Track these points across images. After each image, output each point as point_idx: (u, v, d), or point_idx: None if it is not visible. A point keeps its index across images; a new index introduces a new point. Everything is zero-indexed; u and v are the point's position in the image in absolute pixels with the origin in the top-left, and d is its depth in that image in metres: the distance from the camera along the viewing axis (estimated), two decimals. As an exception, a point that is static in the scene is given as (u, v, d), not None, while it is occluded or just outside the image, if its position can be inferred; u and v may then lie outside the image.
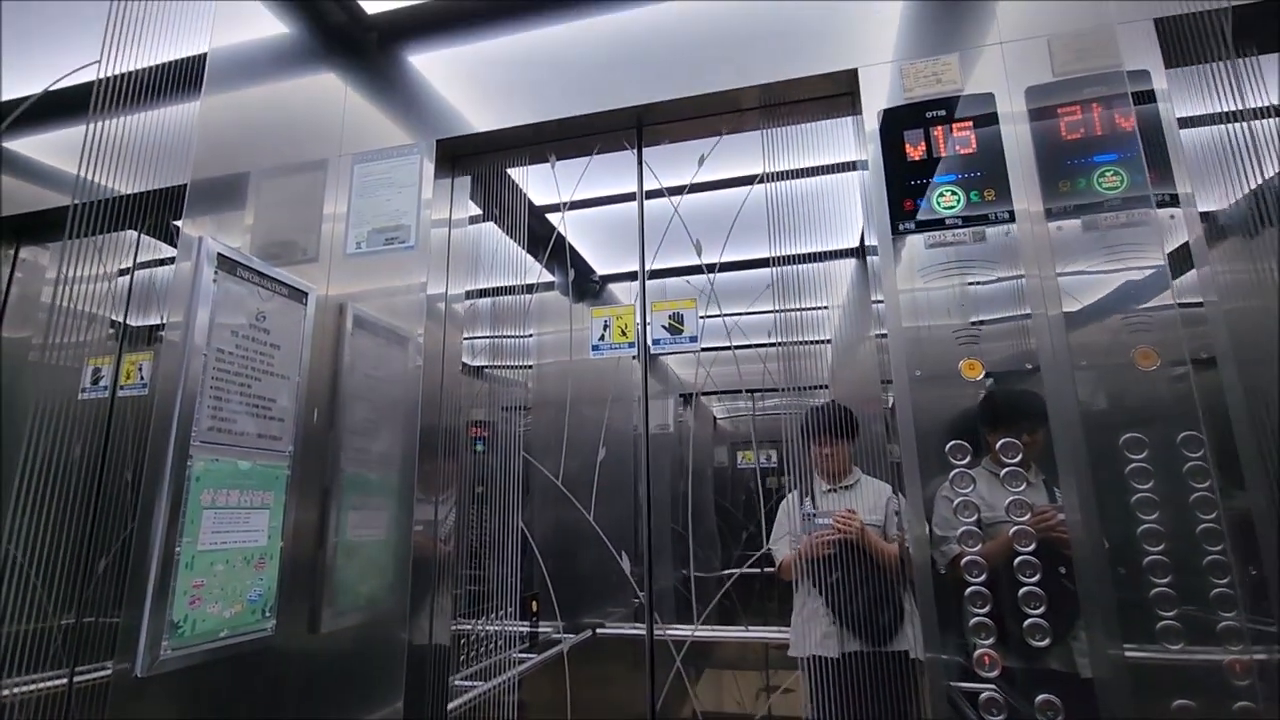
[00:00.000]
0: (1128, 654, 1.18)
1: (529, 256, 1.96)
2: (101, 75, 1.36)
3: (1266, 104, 1.29)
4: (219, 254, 1.38)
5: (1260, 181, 1.28)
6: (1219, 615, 1.14)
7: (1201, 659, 1.15)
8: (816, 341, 1.66)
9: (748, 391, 1.76)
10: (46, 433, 1.20)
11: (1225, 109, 1.33)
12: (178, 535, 1.24)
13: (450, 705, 1.68)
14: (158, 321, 1.42)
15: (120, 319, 1.42)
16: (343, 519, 1.60)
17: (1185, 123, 1.34)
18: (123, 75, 1.38)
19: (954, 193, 1.44)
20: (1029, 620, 1.23)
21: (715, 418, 1.83)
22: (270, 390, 1.49)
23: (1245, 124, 1.31)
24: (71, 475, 1.21)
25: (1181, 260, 1.29)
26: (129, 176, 1.36)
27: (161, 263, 1.44)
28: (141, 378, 1.49)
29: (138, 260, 1.43)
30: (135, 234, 1.40)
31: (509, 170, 2.00)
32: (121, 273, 1.39)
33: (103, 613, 1.20)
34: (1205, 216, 1.30)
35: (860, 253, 1.67)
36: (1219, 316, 1.24)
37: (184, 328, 1.32)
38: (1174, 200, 1.30)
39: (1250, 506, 1.16)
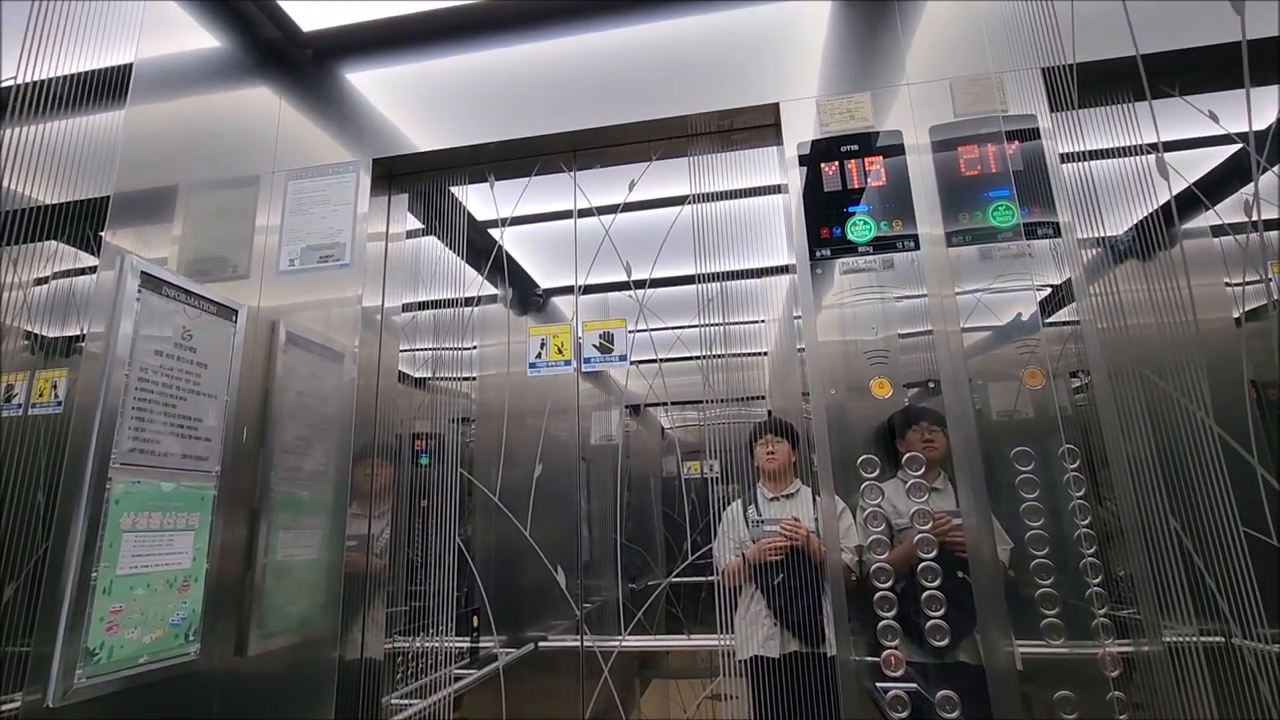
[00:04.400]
0: (1019, 649, 1.29)
1: (471, 269, 1.98)
2: (20, 80, 1.32)
3: (1141, 142, 1.44)
4: (143, 272, 1.36)
5: (1142, 215, 1.42)
6: (1093, 612, 1.26)
7: (1080, 653, 1.26)
8: (749, 354, 1.72)
9: (672, 403, 1.81)
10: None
11: (1106, 146, 1.47)
12: (95, 560, 1.21)
13: (384, 724, 1.67)
14: (77, 332, 1.38)
15: (35, 330, 1.37)
16: (273, 539, 1.58)
17: (1067, 158, 1.48)
18: (42, 81, 1.34)
19: (866, 222, 1.54)
20: (931, 621, 1.32)
21: (663, 428, 1.88)
22: (196, 410, 1.47)
23: (1116, 160, 1.46)
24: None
25: (1065, 287, 1.42)
26: (49, 185, 1.33)
27: (82, 272, 1.40)
28: (56, 396, 1.44)
29: (56, 270, 1.39)
30: (55, 244, 1.36)
31: (449, 187, 2.01)
32: (38, 282, 1.35)
33: (10, 642, 1.16)
34: (1083, 245, 1.44)
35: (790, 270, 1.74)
36: (1094, 336, 1.38)
37: (105, 339, 1.29)
38: (1056, 231, 1.43)
39: (1120, 511, 1.29)
